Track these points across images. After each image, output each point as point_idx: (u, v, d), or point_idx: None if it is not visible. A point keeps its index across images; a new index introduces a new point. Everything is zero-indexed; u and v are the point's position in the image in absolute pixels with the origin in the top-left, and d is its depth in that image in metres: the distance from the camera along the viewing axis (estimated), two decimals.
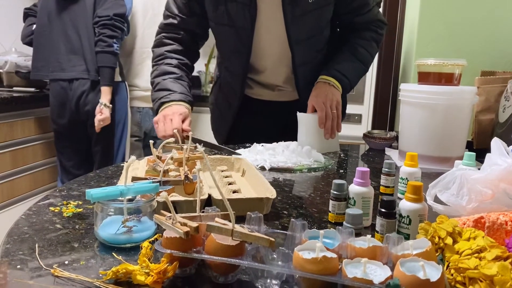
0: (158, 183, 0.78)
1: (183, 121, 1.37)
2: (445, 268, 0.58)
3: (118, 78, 2.22)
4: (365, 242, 0.60)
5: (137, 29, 2.38)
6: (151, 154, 1.03)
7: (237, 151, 1.40)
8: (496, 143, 0.83)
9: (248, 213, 0.65)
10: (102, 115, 2.11)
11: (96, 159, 2.25)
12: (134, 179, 0.85)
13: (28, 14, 2.36)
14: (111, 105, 2.13)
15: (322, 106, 1.41)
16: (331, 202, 0.82)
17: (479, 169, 0.82)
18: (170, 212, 0.62)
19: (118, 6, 2.11)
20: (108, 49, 2.07)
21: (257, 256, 0.59)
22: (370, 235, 0.61)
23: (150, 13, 2.38)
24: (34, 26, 2.23)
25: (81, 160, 2.27)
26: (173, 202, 0.80)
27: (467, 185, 0.78)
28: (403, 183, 0.96)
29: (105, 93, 2.12)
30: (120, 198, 0.70)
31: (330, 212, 0.83)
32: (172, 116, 1.36)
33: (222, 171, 1.09)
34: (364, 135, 1.63)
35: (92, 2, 2.11)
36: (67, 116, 2.16)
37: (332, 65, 1.50)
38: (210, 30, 1.59)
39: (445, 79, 1.30)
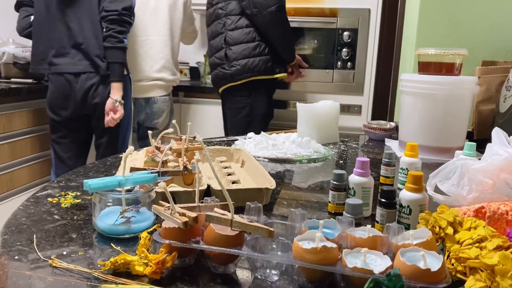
0: (157, 174, 0.77)
1: None
2: (445, 258, 0.58)
3: (124, 72, 2.15)
4: (365, 232, 0.59)
5: None
6: (145, 145, 1.02)
7: (236, 142, 1.39)
8: (497, 133, 0.83)
9: (248, 203, 0.65)
10: (118, 113, 2.05)
11: (99, 151, 2.21)
12: (133, 169, 0.85)
13: (22, 3, 2.23)
14: (123, 101, 2.08)
15: None
16: (331, 192, 0.81)
17: (479, 159, 0.82)
18: (169, 202, 0.62)
19: None
20: (119, 45, 2.02)
21: (256, 246, 0.58)
22: (370, 225, 0.61)
23: (138, 2, 2.35)
24: (32, 17, 2.18)
25: (78, 151, 2.22)
26: (172, 193, 0.80)
27: (467, 175, 0.78)
28: (403, 173, 0.96)
29: (117, 89, 2.06)
30: (119, 189, 0.70)
31: (330, 202, 0.82)
32: None
33: (222, 162, 1.09)
34: (364, 125, 1.62)
35: None
36: (70, 108, 2.09)
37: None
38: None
39: (446, 69, 1.29)
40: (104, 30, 2.01)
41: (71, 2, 2.04)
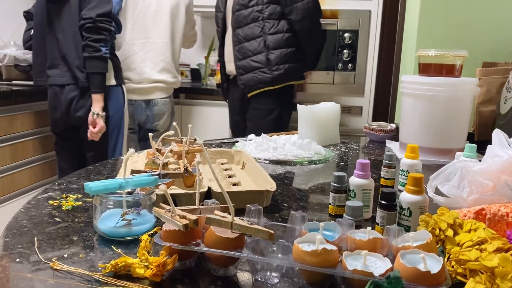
0: (158, 176, 0.78)
1: None
2: (445, 260, 0.58)
3: (112, 82, 2.09)
4: (365, 234, 0.60)
5: (127, 20, 2.33)
6: (147, 147, 1.02)
7: (237, 144, 1.39)
8: (498, 135, 0.83)
9: (248, 205, 0.65)
10: (97, 126, 1.97)
11: (89, 164, 2.16)
12: (133, 172, 0.85)
13: (27, 18, 2.27)
14: (104, 113, 2.00)
15: None
16: (331, 194, 0.81)
17: (480, 160, 0.82)
18: (169, 205, 0.62)
19: (102, 4, 1.95)
20: (95, 54, 1.93)
21: (256, 248, 0.58)
22: (371, 227, 0.61)
23: (140, 4, 2.35)
24: (32, 31, 2.15)
25: (77, 162, 2.16)
26: (173, 195, 0.80)
27: (468, 177, 0.78)
28: (404, 175, 0.96)
29: (97, 101, 1.97)
30: (119, 191, 0.70)
31: (330, 204, 0.82)
32: None
33: (222, 164, 1.09)
34: (365, 127, 1.62)
35: (77, 3, 1.97)
36: (59, 120, 2.08)
37: None
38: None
39: (446, 70, 1.29)
40: (83, 38, 1.96)
41: (58, 13, 2.01)
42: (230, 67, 2.19)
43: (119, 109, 2.15)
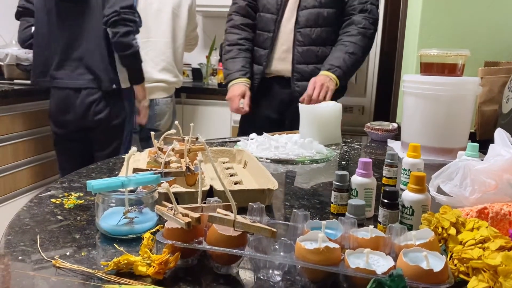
0: (160, 174, 0.78)
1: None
2: (448, 258, 0.58)
3: (127, 84, 2.06)
4: (368, 232, 0.60)
5: None
6: (148, 147, 1.02)
7: (238, 143, 1.39)
8: (500, 134, 0.83)
9: (250, 204, 0.65)
10: (141, 115, 2.18)
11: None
12: (136, 170, 0.85)
13: (22, 12, 2.13)
14: (149, 100, 2.17)
15: (313, 86, 1.70)
16: (333, 193, 0.81)
17: (482, 160, 0.82)
18: (171, 203, 0.62)
19: None
20: (130, 51, 1.92)
21: (259, 246, 0.59)
22: (373, 226, 0.61)
23: (142, 3, 2.34)
24: (33, 28, 2.05)
25: (81, 163, 2.15)
26: (175, 194, 0.80)
27: (470, 176, 0.78)
28: (406, 174, 0.96)
29: (139, 91, 2.09)
30: (122, 189, 0.70)
31: (332, 203, 0.82)
32: (233, 99, 1.82)
33: (224, 163, 1.09)
34: (367, 126, 1.62)
35: (101, 3, 1.91)
36: (70, 123, 2.02)
37: (326, 61, 1.79)
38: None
39: (448, 69, 1.29)
40: (110, 36, 1.92)
41: (75, 13, 1.95)
42: (280, 67, 1.88)
43: (130, 110, 2.16)
